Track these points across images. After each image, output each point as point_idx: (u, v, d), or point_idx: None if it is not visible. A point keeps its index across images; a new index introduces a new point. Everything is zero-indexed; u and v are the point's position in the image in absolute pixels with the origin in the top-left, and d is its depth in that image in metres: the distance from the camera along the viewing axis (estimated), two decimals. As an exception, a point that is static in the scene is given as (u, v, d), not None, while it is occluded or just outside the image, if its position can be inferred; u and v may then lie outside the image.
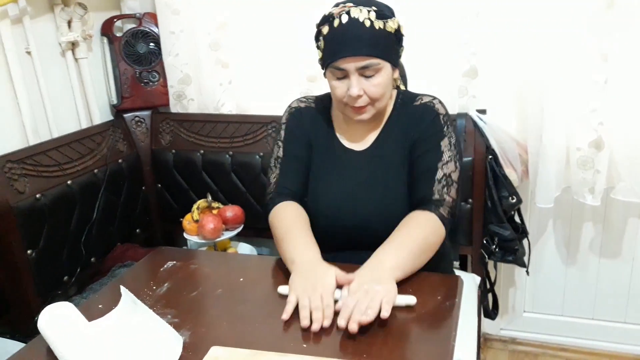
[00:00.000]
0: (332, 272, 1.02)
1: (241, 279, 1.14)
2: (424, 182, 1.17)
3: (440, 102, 1.24)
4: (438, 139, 1.19)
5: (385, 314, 0.91)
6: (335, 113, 1.30)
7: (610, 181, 1.65)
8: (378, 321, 0.93)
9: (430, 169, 1.17)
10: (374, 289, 0.96)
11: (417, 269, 1.08)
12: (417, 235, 1.09)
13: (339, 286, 1.01)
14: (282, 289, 1.06)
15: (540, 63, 1.60)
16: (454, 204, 1.17)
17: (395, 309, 0.97)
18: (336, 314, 0.95)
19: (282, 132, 1.30)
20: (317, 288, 0.99)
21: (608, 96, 1.56)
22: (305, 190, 1.26)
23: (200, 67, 1.95)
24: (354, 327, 0.90)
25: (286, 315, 0.97)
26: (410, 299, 0.99)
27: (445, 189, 1.16)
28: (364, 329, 0.92)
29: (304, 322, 0.94)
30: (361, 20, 1.09)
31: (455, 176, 1.18)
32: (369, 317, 0.91)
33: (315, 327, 0.93)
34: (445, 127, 1.21)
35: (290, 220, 1.18)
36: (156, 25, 1.97)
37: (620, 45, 1.52)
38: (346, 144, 1.27)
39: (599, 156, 1.60)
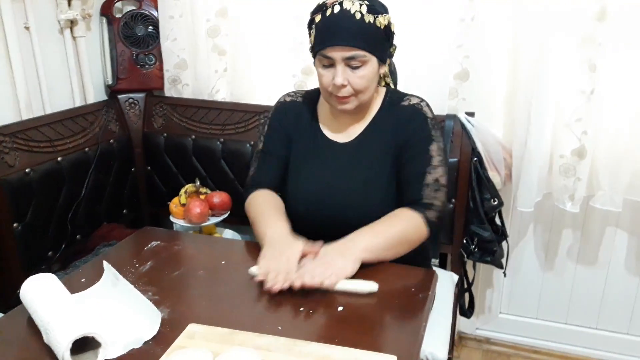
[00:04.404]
0: (300, 243, 1.11)
1: (223, 262, 1.17)
2: (413, 185, 1.21)
3: (427, 104, 1.27)
4: (427, 143, 1.23)
5: (327, 282, 1.00)
6: (321, 106, 1.33)
7: (590, 189, 1.69)
8: (349, 306, 0.97)
9: (419, 173, 1.21)
10: (332, 259, 1.04)
11: (388, 258, 1.13)
12: (397, 226, 1.15)
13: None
14: (253, 269, 1.10)
15: (530, 70, 1.63)
16: (443, 209, 1.21)
17: (358, 296, 1.02)
18: None
19: (266, 127, 1.37)
20: (284, 253, 1.07)
21: (593, 106, 1.59)
22: (280, 183, 1.32)
23: (197, 53, 1.97)
24: (297, 283, 1.00)
25: (262, 276, 1.04)
26: (371, 285, 1.03)
27: (434, 193, 1.20)
28: (334, 313, 0.96)
29: (268, 284, 1.01)
30: (352, 12, 1.13)
31: (443, 181, 1.22)
32: (313, 281, 1.00)
33: (276, 287, 1.00)
34: (434, 131, 1.24)
35: (264, 203, 1.26)
36: (156, 8, 1.98)
37: (609, 57, 1.55)
38: (330, 135, 1.30)
39: (580, 164, 1.64)
